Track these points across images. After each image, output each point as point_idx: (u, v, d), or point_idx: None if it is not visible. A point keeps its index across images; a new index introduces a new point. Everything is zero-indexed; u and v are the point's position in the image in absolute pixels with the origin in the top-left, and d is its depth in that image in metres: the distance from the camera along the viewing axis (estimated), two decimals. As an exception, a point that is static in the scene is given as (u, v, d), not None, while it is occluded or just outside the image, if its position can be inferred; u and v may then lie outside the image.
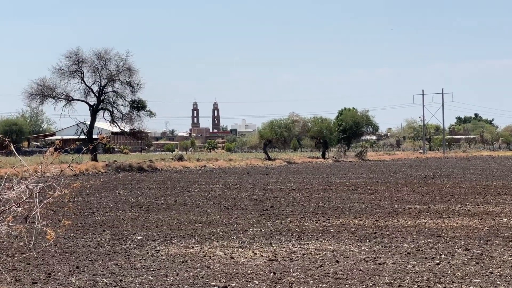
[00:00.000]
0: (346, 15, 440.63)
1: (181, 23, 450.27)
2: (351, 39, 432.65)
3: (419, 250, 16.12)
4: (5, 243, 13.03)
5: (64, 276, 13.34)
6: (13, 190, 4.81)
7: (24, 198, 4.81)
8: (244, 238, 18.29)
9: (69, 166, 6.07)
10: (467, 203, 27.44)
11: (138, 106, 71.33)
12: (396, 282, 12.48)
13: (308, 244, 17.23)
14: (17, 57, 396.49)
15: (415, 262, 14.50)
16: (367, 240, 17.69)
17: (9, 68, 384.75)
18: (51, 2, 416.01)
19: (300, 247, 16.75)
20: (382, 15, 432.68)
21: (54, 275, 13.46)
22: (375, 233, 19.08)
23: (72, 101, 70.53)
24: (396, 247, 16.51)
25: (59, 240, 17.64)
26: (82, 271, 13.84)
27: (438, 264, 14.28)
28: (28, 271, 13.69)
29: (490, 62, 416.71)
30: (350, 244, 17.09)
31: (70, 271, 13.89)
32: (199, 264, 14.54)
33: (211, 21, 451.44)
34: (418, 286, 12.19)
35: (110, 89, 71.13)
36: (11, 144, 7.09)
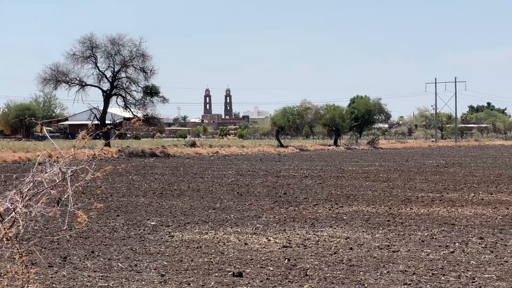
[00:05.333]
0: (359, 4, 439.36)
1: (195, 10, 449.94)
2: (364, 27, 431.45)
3: (433, 238, 16.11)
4: (38, 225, 13.13)
5: (80, 260, 13.42)
6: (46, 172, 4.84)
7: (57, 180, 4.85)
8: (258, 225, 18.33)
9: (101, 150, 6.10)
10: (480, 192, 27.39)
11: (151, 92, 71.34)
12: (410, 270, 12.49)
13: (321, 231, 17.25)
14: (30, 42, 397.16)
15: (429, 250, 14.50)
16: (381, 228, 17.69)
17: (22, 53, 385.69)
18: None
19: (314, 234, 16.77)
20: (394, 3, 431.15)
21: (70, 259, 13.54)
22: (388, 220, 19.09)
23: (85, 87, 70.70)
24: (410, 235, 16.51)
25: (73, 224, 17.71)
26: (97, 256, 13.91)
27: (452, 252, 14.28)
28: (44, 254, 13.77)
29: (503, 50, 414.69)
30: (363, 232, 17.10)
31: (86, 255, 13.96)
32: (213, 250, 14.59)
33: (225, 8, 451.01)
34: (433, 274, 12.19)
35: (123, 74, 71.29)
36: (43, 127, 7.13)
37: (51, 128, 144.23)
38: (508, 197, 25.42)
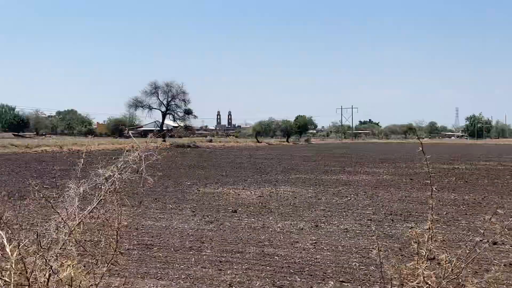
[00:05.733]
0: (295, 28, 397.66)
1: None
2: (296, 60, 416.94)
3: (339, 192, 16.15)
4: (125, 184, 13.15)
5: (148, 204, 13.36)
6: (130, 156, 4.88)
7: (137, 160, 4.88)
8: (245, 184, 18.28)
9: (161, 143, 6.13)
10: (365, 167, 27.44)
11: (188, 112, 71.00)
12: (327, 209, 12.54)
13: (279, 188, 17.24)
14: (120, 81, 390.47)
15: (337, 199, 14.54)
16: (311, 187, 17.70)
17: (117, 88, 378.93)
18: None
19: (276, 190, 16.75)
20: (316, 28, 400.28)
21: (143, 203, 13.48)
22: (316, 183, 19.09)
23: (152, 109, 70.37)
24: (327, 191, 16.54)
25: (145, 184, 17.59)
26: (158, 201, 13.85)
27: (349, 199, 14.33)
28: (128, 201, 13.66)
29: (380, 90, 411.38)
30: (302, 188, 17.10)
31: (151, 201, 13.90)
32: (221, 198, 14.55)
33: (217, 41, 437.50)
34: (339, 210, 12.25)
35: (173, 102, 70.80)
36: (129, 132, 7.20)
37: (133, 132, 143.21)
38: (380, 170, 25.50)
